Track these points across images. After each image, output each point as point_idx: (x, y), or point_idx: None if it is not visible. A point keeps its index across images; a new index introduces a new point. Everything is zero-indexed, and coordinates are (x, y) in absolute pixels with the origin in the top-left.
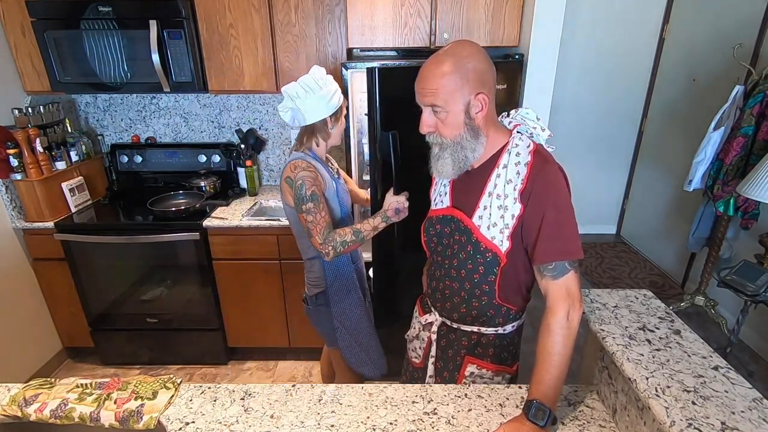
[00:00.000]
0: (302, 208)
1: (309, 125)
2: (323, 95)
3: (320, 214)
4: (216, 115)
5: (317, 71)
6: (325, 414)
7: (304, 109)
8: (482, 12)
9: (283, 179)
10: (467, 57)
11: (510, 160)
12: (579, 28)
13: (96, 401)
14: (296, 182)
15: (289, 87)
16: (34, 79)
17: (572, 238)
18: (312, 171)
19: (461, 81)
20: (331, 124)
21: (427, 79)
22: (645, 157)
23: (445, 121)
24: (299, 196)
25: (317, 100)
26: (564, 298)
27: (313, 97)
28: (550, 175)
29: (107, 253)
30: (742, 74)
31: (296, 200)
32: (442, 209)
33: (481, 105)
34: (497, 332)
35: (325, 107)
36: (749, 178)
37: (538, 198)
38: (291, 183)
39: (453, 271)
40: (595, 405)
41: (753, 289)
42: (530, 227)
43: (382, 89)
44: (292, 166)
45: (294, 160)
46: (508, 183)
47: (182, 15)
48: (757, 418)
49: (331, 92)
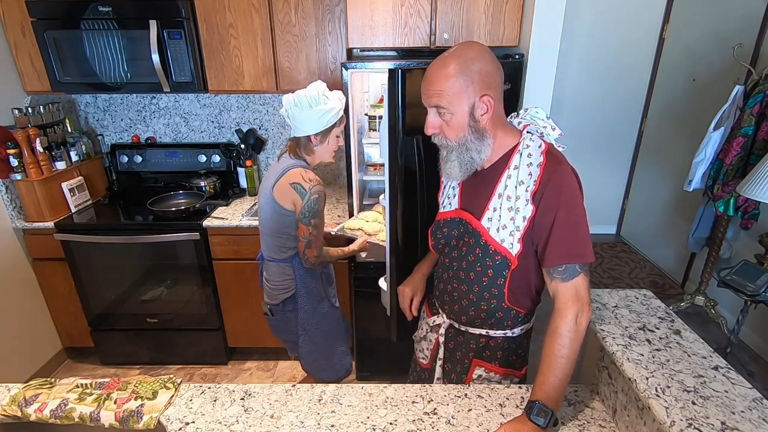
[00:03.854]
0: (311, 222)
1: (296, 137)
2: (312, 113)
3: (322, 231)
4: (216, 115)
5: (314, 87)
6: (325, 414)
7: (292, 121)
8: (482, 12)
9: (287, 182)
10: (473, 59)
11: (521, 162)
12: (579, 28)
13: (96, 401)
14: (311, 195)
15: (287, 96)
16: (34, 79)
17: (584, 241)
18: (323, 186)
19: (466, 83)
20: (316, 142)
21: (432, 81)
22: (645, 157)
23: (449, 122)
24: (312, 209)
25: (306, 116)
26: (573, 301)
27: (301, 113)
28: (564, 177)
29: (107, 253)
30: (742, 74)
31: (305, 212)
32: (451, 212)
33: (486, 107)
34: (506, 335)
35: (312, 124)
36: (749, 178)
37: (551, 199)
38: (302, 193)
39: (462, 274)
40: (595, 405)
41: (753, 289)
42: (541, 229)
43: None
44: (303, 175)
45: (299, 168)
46: (520, 184)
47: (182, 15)
48: (757, 418)
49: (322, 111)
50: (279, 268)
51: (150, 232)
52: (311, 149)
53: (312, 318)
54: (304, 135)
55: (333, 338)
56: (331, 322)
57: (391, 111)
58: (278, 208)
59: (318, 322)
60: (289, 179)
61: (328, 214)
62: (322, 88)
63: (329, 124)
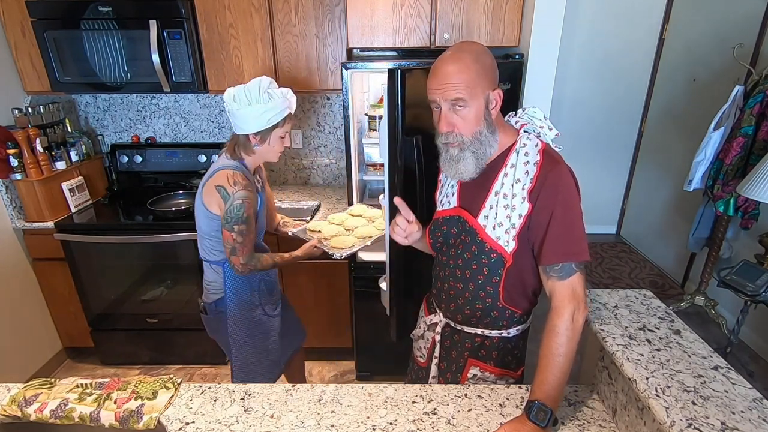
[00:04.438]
0: (234, 228)
1: (235, 135)
2: (251, 111)
3: (249, 237)
4: (216, 115)
5: (255, 83)
6: (325, 414)
7: (231, 118)
8: (482, 12)
9: (213, 184)
10: (482, 53)
11: (518, 160)
12: (579, 28)
13: (96, 401)
14: (234, 200)
15: (228, 90)
16: (34, 79)
17: (580, 239)
18: (251, 191)
19: (482, 75)
20: (255, 141)
21: (449, 75)
22: (645, 157)
23: (466, 117)
24: (234, 215)
25: (244, 114)
26: (570, 299)
27: (239, 110)
28: (561, 176)
29: (107, 253)
30: (742, 74)
31: (228, 217)
32: (449, 210)
33: (496, 101)
34: (501, 335)
35: (251, 123)
36: (749, 178)
37: (548, 198)
38: (226, 197)
39: (458, 272)
40: (595, 405)
41: (753, 289)
42: (538, 227)
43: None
44: (229, 177)
45: (229, 168)
46: (516, 182)
47: (182, 15)
48: (757, 418)
49: (262, 110)
50: (211, 270)
51: (150, 232)
52: (251, 149)
53: (240, 325)
54: (242, 133)
55: (262, 350)
56: (264, 332)
57: (391, 111)
58: (205, 210)
59: (247, 331)
60: (215, 181)
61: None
62: (265, 85)
63: (270, 124)
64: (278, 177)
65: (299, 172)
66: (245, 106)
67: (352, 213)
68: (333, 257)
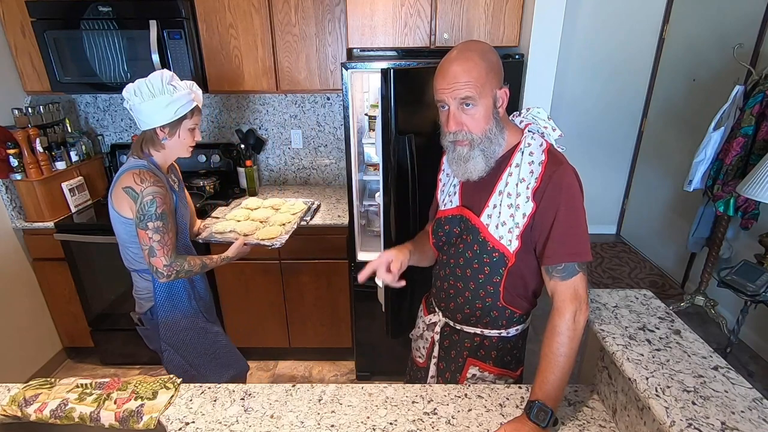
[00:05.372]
0: (148, 226)
1: (142, 132)
2: (156, 103)
3: (168, 235)
4: (216, 115)
5: (156, 75)
6: (325, 414)
7: (135, 114)
8: (482, 12)
9: (120, 187)
10: (488, 51)
11: (523, 159)
12: (579, 28)
13: (96, 401)
14: (144, 197)
15: (127, 86)
16: (34, 79)
17: (583, 240)
18: (162, 186)
19: (489, 73)
20: (164, 135)
21: (458, 73)
22: (645, 157)
23: (475, 115)
24: (147, 213)
25: (149, 107)
26: (571, 299)
27: (142, 104)
28: (565, 177)
29: (107, 253)
30: (742, 74)
31: (140, 216)
32: (452, 209)
33: (503, 99)
34: (500, 335)
35: (158, 116)
36: (749, 178)
37: (552, 198)
38: (135, 196)
39: (459, 271)
40: (595, 405)
41: (753, 289)
42: (541, 227)
43: (396, 91)
44: (135, 177)
45: (135, 168)
46: (521, 182)
47: (182, 15)
48: (757, 418)
49: (168, 101)
50: (140, 278)
51: None
52: (159, 144)
53: (176, 332)
54: (149, 128)
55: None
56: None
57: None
58: (118, 216)
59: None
60: (122, 184)
61: (328, 214)
62: (167, 77)
63: (178, 116)
64: (278, 177)
65: (299, 172)
66: (149, 99)
67: (250, 207)
68: (272, 247)
